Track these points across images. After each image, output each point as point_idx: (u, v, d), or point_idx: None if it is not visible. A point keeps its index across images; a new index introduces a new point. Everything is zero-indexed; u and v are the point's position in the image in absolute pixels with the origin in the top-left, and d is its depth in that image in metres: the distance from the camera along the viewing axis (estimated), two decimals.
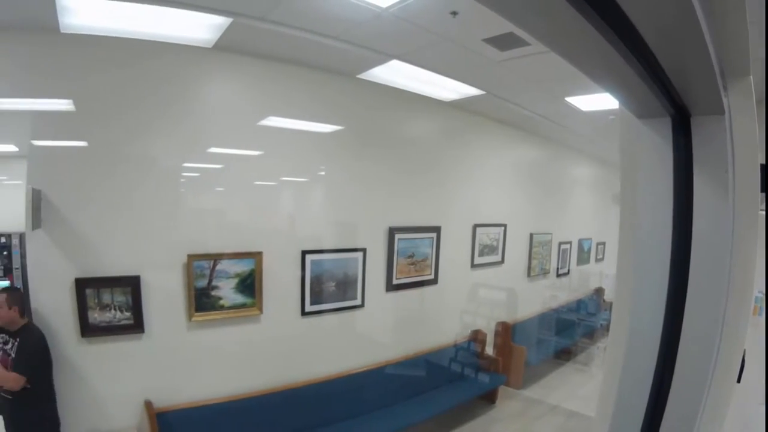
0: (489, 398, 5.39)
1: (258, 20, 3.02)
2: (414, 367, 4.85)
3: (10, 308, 3.05)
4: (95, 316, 3.39)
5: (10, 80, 3.14)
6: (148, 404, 3.53)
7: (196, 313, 3.69)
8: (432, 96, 4.58)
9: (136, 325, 3.52)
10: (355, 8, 2.78)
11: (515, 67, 3.66)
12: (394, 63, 3.70)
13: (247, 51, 3.63)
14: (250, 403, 3.90)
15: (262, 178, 4.00)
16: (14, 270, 7.24)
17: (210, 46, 3.44)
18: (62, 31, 3.03)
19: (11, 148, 6.25)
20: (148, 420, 3.50)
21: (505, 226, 5.88)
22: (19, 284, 7.22)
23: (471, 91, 4.38)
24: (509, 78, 3.98)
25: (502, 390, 5.49)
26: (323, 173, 4.27)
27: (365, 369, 4.53)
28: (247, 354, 3.97)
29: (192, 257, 3.64)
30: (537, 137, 6.16)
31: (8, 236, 7.21)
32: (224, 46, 3.44)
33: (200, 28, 3.21)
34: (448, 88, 4.34)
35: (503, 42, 3.17)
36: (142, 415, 3.54)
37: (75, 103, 3.26)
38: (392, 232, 4.63)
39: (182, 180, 3.66)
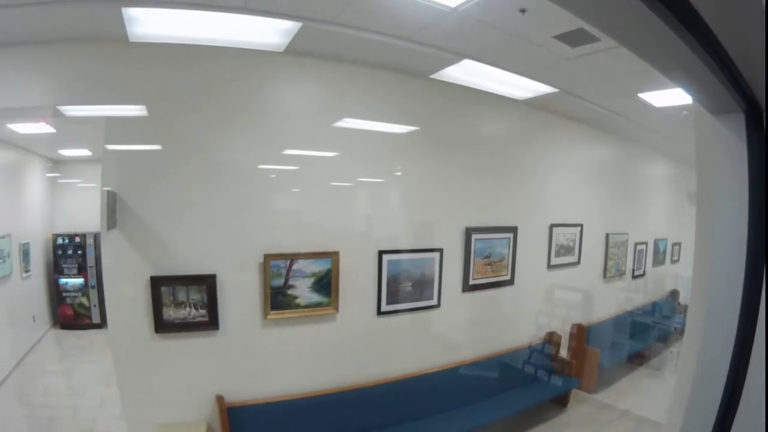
0: (561, 401, 5.25)
1: (327, 23, 3.03)
2: (488, 368, 4.77)
3: None
4: (170, 313, 3.50)
5: (82, 88, 3.31)
6: (219, 399, 3.61)
7: (271, 311, 3.76)
8: (505, 95, 4.48)
9: (211, 322, 3.61)
10: (424, 9, 2.76)
11: (587, 63, 3.54)
12: (466, 62, 3.64)
13: (319, 54, 3.65)
14: (322, 400, 3.93)
15: (339, 179, 4.02)
16: (88, 268, 7.69)
17: (281, 50, 3.47)
18: (131, 40, 3.14)
19: (84, 152, 6.62)
20: (218, 414, 3.59)
21: (581, 226, 5.69)
22: (93, 282, 7.68)
23: (544, 89, 4.27)
24: (582, 75, 3.87)
25: (575, 393, 5.35)
26: (399, 174, 4.25)
27: (439, 369, 4.49)
28: (322, 352, 4.01)
29: (269, 257, 3.70)
30: (611, 135, 5.94)
31: (83, 236, 7.66)
32: (295, 49, 3.47)
33: (270, 33, 3.25)
34: (521, 87, 4.24)
35: (574, 38, 3.08)
36: (212, 410, 3.63)
37: (148, 108, 3.38)
38: (469, 232, 4.57)
39: (258, 181, 3.73)
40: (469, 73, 3.87)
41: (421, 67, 3.86)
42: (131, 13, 2.86)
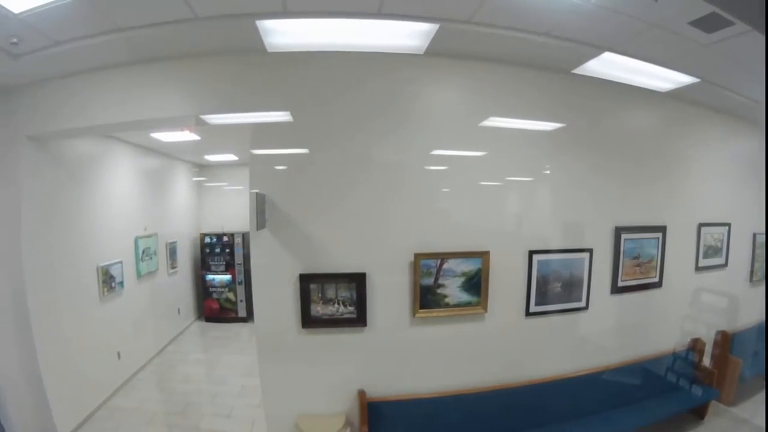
0: (698, 413, 4.97)
1: (463, 23, 3.08)
2: (630, 374, 4.61)
3: None
4: (318, 310, 3.65)
5: (225, 98, 3.52)
6: (361, 393, 3.72)
7: (420, 310, 3.82)
8: (648, 86, 4.32)
9: (359, 319, 3.72)
10: (558, 2, 2.77)
11: (724, 50, 3.37)
12: (607, 55, 3.56)
13: (460, 54, 3.68)
14: (463, 400, 3.95)
15: (487, 178, 4.04)
16: (236, 265, 8.16)
17: (421, 52, 3.53)
18: (269, 50, 3.31)
19: (230, 157, 7.03)
20: (359, 408, 3.69)
21: (729, 225, 5.38)
22: (240, 278, 8.14)
23: (685, 79, 4.09)
24: (720, 62, 3.67)
25: (713, 405, 5.04)
26: (548, 172, 4.20)
27: (583, 373, 4.39)
28: (469, 352, 4.04)
29: (419, 256, 3.77)
30: (754, 126, 5.55)
31: (231, 235, 8.15)
32: (436, 51, 3.51)
33: (409, 35, 3.32)
34: (662, 78, 4.08)
35: (709, 23, 2.95)
36: (353, 403, 3.75)
37: (292, 114, 3.55)
38: (618, 231, 4.45)
39: (408, 181, 3.80)
40: (610, 66, 3.78)
41: (561, 62, 3.81)
42: (266, 25, 3.02)
